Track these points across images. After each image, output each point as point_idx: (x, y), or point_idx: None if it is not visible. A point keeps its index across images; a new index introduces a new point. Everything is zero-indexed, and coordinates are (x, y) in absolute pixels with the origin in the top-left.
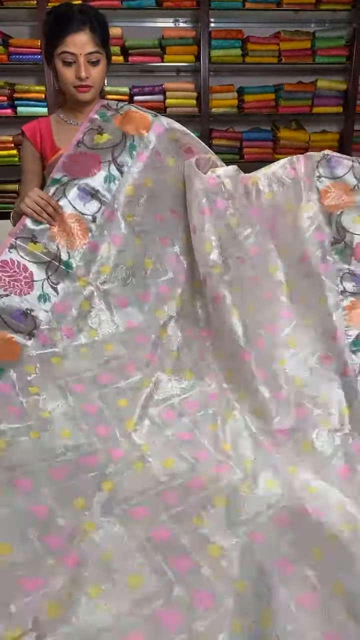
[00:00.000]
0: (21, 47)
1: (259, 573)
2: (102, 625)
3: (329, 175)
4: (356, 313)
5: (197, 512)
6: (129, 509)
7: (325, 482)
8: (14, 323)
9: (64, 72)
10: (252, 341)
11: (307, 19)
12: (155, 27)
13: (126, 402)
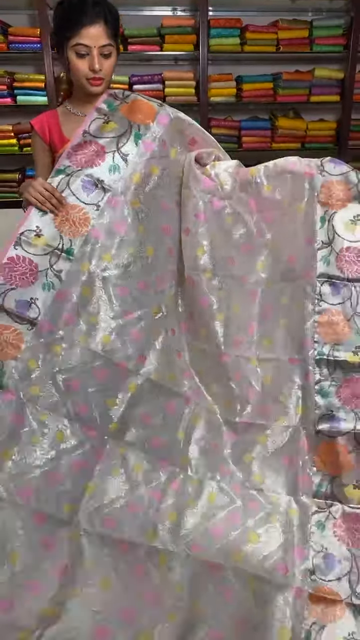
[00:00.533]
0: (20, 36)
1: (195, 576)
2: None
3: (331, 172)
4: (327, 326)
5: (152, 528)
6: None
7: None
8: (19, 314)
9: (78, 64)
10: (232, 343)
11: (305, 8)
12: (154, 16)
13: (113, 402)
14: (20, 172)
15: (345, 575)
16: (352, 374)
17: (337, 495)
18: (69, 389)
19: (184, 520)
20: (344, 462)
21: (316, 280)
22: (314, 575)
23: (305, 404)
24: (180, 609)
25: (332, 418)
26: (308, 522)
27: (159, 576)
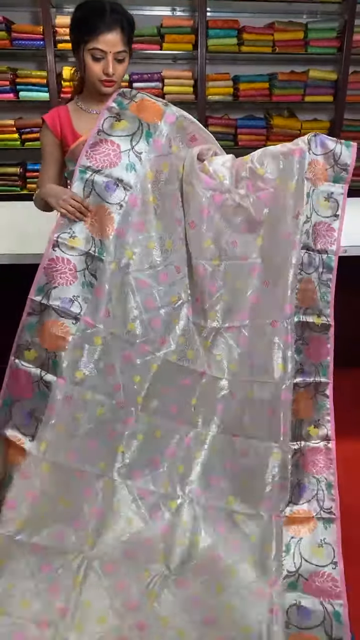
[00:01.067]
0: (23, 33)
1: (169, 587)
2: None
3: (316, 151)
4: (305, 292)
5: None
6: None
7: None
8: (64, 310)
9: (93, 66)
10: (235, 315)
11: (300, 11)
12: (154, 16)
13: (139, 379)
14: (21, 166)
15: (314, 496)
16: (315, 334)
17: (304, 435)
18: (106, 373)
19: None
20: (307, 407)
21: (300, 252)
22: (290, 504)
23: (285, 362)
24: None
25: (303, 372)
26: (288, 464)
27: (150, 607)
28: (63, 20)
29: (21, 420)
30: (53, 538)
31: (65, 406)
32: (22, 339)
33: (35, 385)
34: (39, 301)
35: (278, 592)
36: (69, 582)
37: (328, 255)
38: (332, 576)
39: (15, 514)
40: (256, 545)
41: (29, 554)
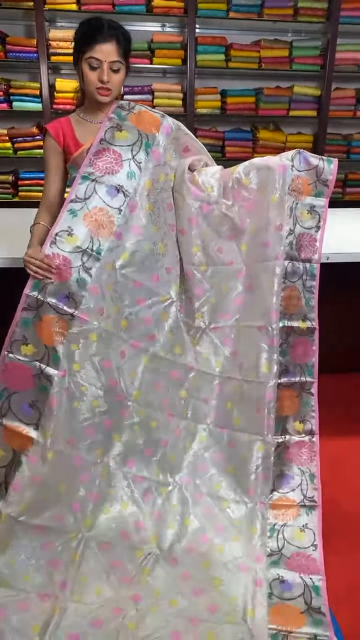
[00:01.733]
0: (18, 45)
1: (160, 564)
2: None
3: (300, 167)
4: (289, 300)
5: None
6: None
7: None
8: (59, 307)
9: (89, 75)
10: (221, 316)
11: (285, 29)
12: (145, 31)
13: (134, 374)
14: (13, 174)
15: (298, 486)
16: (300, 337)
17: (289, 430)
18: (103, 368)
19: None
20: (292, 405)
21: (283, 262)
22: (274, 492)
23: (270, 363)
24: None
25: (287, 372)
26: (271, 455)
27: (143, 581)
28: (56, 34)
29: (21, 411)
30: (53, 519)
31: (64, 397)
32: (18, 334)
33: (36, 378)
34: (35, 297)
35: (262, 568)
36: (68, 558)
37: (311, 264)
38: (312, 557)
39: (20, 496)
40: (241, 527)
41: (31, 533)
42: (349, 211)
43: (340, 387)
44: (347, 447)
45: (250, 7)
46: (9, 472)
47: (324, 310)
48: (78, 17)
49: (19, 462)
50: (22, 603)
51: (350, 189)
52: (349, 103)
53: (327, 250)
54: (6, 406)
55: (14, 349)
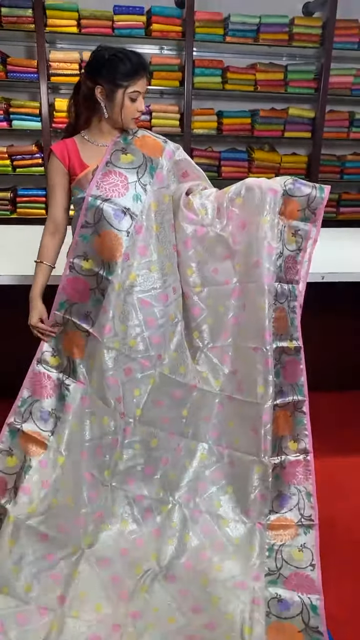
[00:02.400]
0: (18, 66)
1: (159, 581)
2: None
3: (291, 192)
4: (279, 321)
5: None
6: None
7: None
8: (79, 324)
9: (130, 106)
10: (218, 336)
11: (280, 54)
12: (143, 54)
13: (139, 392)
14: (12, 191)
15: (295, 505)
16: (289, 357)
17: (284, 449)
18: (109, 384)
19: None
20: (286, 424)
21: (274, 284)
22: (272, 512)
23: (266, 385)
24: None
25: (282, 393)
26: (269, 477)
27: (142, 598)
28: (57, 55)
29: (41, 418)
30: (58, 529)
31: (80, 406)
32: (47, 346)
33: (57, 388)
34: (62, 315)
35: (260, 586)
36: (68, 573)
37: (292, 285)
38: (310, 577)
39: (28, 499)
40: (240, 546)
41: (35, 541)
42: (342, 231)
43: (335, 405)
44: (342, 465)
45: (246, 32)
46: (19, 476)
47: (317, 328)
48: (78, 39)
49: (29, 466)
50: (22, 616)
51: (343, 208)
52: (343, 125)
53: (322, 270)
54: (28, 413)
55: (44, 360)
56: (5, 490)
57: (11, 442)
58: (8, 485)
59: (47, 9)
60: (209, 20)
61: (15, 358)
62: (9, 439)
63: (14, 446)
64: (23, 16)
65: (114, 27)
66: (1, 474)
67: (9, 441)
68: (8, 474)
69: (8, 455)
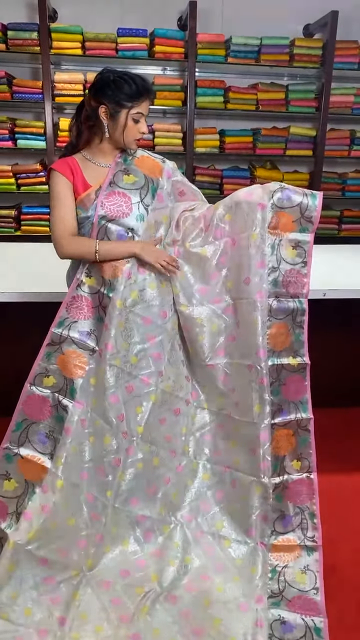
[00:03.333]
0: (23, 87)
1: (160, 602)
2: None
3: (280, 204)
4: (277, 337)
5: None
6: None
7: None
8: (82, 342)
9: (133, 127)
10: (214, 353)
11: (281, 74)
12: (147, 74)
13: (140, 409)
14: (16, 208)
15: (298, 526)
16: (292, 374)
17: (287, 469)
18: (110, 403)
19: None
20: (288, 444)
21: (267, 300)
22: (275, 533)
23: (262, 404)
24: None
25: (281, 411)
26: (269, 497)
27: (143, 620)
28: (61, 76)
29: (38, 441)
30: (58, 553)
31: (79, 428)
32: (41, 367)
33: (53, 409)
34: (59, 333)
35: (263, 608)
36: (69, 595)
37: (299, 299)
38: (313, 600)
39: (29, 524)
40: (242, 567)
41: (35, 565)
42: (344, 247)
43: (340, 422)
44: (347, 483)
45: (247, 53)
46: (21, 502)
47: (321, 345)
48: (82, 61)
49: (33, 492)
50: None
51: (345, 225)
52: (344, 143)
53: (324, 287)
54: (24, 436)
55: (37, 381)
56: (6, 515)
57: (8, 467)
58: (9, 509)
59: (52, 31)
60: (211, 41)
61: (18, 375)
62: (5, 464)
63: (11, 470)
64: (29, 39)
65: (117, 49)
66: (0, 498)
67: (5, 465)
68: (7, 498)
69: (5, 479)
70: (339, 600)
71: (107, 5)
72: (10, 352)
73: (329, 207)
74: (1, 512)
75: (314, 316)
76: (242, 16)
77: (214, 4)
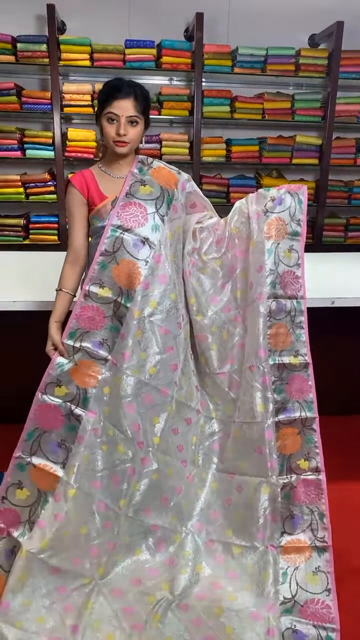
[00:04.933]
0: (32, 98)
1: (172, 610)
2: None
3: (274, 210)
4: (277, 337)
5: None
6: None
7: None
8: (94, 352)
9: (108, 128)
10: (224, 362)
11: (287, 83)
12: (154, 84)
13: (157, 420)
14: (25, 217)
15: (308, 526)
16: (294, 373)
17: (294, 469)
18: (125, 412)
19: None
20: (294, 442)
21: (266, 302)
22: (285, 534)
23: (265, 402)
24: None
25: (285, 409)
26: (278, 497)
27: (155, 628)
28: (70, 87)
29: (51, 450)
30: (70, 562)
31: (92, 437)
32: (52, 376)
33: (65, 418)
34: (72, 345)
35: (275, 616)
36: (81, 603)
37: (297, 300)
38: (326, 603)
39: (42, 533)
40: (253, 574)
41: (48, 574)
42: (351, 255)
43: (346, 429)
44: (355, 491)
45: (254, 63)
46: (34, 511)
47: (328, 353)
48: (90, 72)
49: (46, 501)
50: None
51: (352, 233)
52: (350, 152)
53: (331, 294)
54: (36, 445)
55: (48, 390)
56: (19, 523)
57: (20, 475)
58: (21, 518)
59: (61, 43)
60: (218, 52)
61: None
62: (17, 473)
63: (23, 479)
64: (38, 51)
65: (125, 60)
66: (13, 507)
67: (18, 474)
68: (20, 507)
69: (18, 488)
70: (351, 609)
71: (114, 17)
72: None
73: (335, 215)
74: (14, 521)
75: (323, 323)
76: (248, 27)
77: (220, 15)
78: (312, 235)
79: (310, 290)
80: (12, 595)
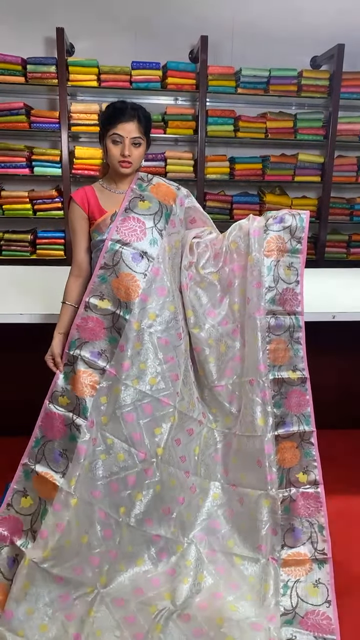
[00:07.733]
0: (41, 117)
1: (174, 620)
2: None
3: (274, 229)
4: (276, 352)
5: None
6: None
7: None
8: (93, 362)
9: (112, 149)
10: (222, 374)
11: (289, 103)
12: (160, 104)
13: (160, 431)
14: (32, 233)
15: (308, 539)
16: (293, 387)
17: (293, 482)
18: (126, 421)
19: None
20: (293, 456)
21: (265, 317)
22: (285, 547)
23: (265, 416)
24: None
25: (284, 423)
26: (278, 510)
27: (156, 637)
28: (77, 107)
29: (53, 459)
30: (73, 571)
31: (91, 447)
32: (58, 385)
33: (67, 428)
34: (72, 354)
35: (275, 627)
36: (84, 612)
37: (296, 316)
38: (326, 614)
39: (44, 542)
40: (254, 585)
41: (50, 583)
42: (353, 271)
43: (346, 442)
44: (355, 504)
45: (257, 84)
46: (35, 519)
47: (329, 366)
48: (97, 92)
49: (45, 510)
50: None
51: (354, 249)
52: (351, 169)
53: (333, 309)
54: (41, 454)
55: (54, 400)
56: (22, 532)
57: (25, 483)
58: (24, 526)
59: (69, 65)
60: (222, 73)
61: (32, 395)
62: (23, 480)
63: (28, 487)
64: (47, 72)
65: (131, 80)
66: (17, 515)
67: (24, 482)
68: (23, 515)
69: (23, 495)
70: (351, 620)
71: (121, 39)
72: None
73: (337, 232)
74: (17, 529)
75: (323, 338)
76: (252, 49)
77: (224, 37)
78: (315, 252)
79: (312, 305)
80: (15, 604)
